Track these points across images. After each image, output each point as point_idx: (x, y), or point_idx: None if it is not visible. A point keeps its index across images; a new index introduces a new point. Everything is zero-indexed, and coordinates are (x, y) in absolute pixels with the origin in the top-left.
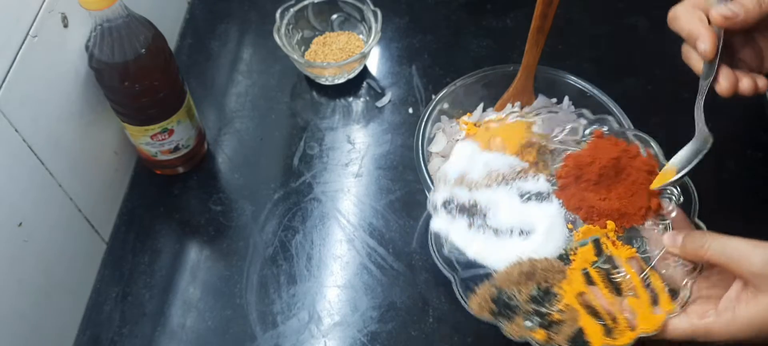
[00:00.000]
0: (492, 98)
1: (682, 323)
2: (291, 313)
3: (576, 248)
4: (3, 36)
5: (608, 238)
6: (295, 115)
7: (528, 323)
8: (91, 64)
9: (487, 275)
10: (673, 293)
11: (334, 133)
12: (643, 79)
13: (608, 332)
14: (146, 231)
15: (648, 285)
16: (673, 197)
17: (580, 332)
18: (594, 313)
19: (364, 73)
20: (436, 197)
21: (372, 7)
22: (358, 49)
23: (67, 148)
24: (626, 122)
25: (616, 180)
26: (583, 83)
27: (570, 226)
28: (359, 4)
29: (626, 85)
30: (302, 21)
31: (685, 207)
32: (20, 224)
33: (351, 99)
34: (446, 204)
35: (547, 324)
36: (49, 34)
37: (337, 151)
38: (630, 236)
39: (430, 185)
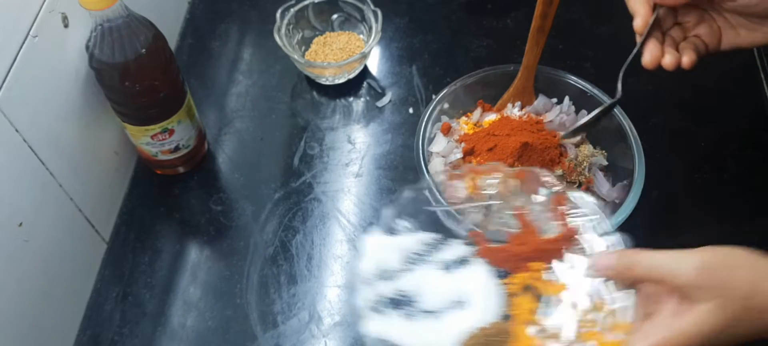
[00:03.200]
0: (492, 98)
1: (640, 344)
2: (291, 313)
3: (512, 303)
4: (3, 36)
5: (541, 279)
6: (296, 115)
7: None
8: (91, 64)
9: None
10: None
11: (335, 133)
12: (643, 79)
13: None
14: (147, 231)
15: (598, 314)
16: (591, 221)
17: None
18: None
19: (365, 73)
20: (360, 301)
21: (372, 7)
22: (358, 49)
23: (68, 148)
24: (627, 122)
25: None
26: (583, 83)
27: (503, 282)
28: (359, 4)
29: (626, 85)
30: (303, 21)
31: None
32: (21, 224)
33: (351, 99)
34: (373, 304)
35: None
36: (49, 34)
37: (338, 151)
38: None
39: (431, 184)
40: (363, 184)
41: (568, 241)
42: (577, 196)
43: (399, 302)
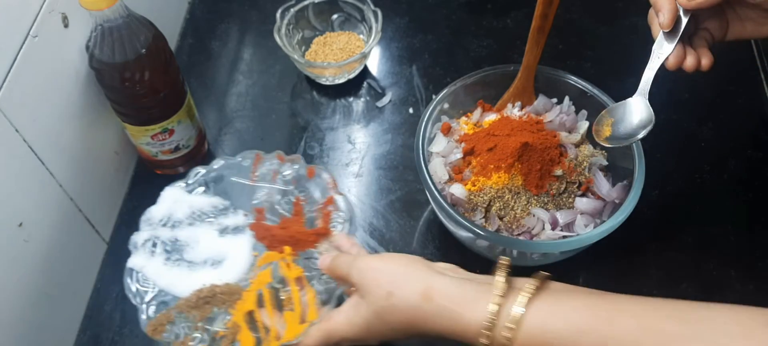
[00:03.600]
0: (492, 98)
1: (314, 330)
2: None
3: (256, 273)
4: (3, 36)
5: (285, 261)
6: (296, 115)
7: (197, 338)
8: (91, 64)
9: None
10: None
11: (335, 134)
12: None
13: (259, 342)
14: None
15: (304, 300)
16: (340, 224)
17: (236, 345)
18: (254, 328)
19: (365, 73)
20: (138, 236)
21: (372, 7)
22: (358, 49)
23: (68, 148)
24: None
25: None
26: (583, 83)
27: (256, 253)
28: (359, 4)
29: (626, 85)
30: (303, 21)
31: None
32: (21, 224)
33: (351, 99)
34: (147, 243)
35: (211, 341)
36: (49, 34)
37: (338, 152)
38: (308, 258)
39: (431, 185)
40: (363, 184)
41: (321, 236)
42: (342, 200)
43: (169, 248)
